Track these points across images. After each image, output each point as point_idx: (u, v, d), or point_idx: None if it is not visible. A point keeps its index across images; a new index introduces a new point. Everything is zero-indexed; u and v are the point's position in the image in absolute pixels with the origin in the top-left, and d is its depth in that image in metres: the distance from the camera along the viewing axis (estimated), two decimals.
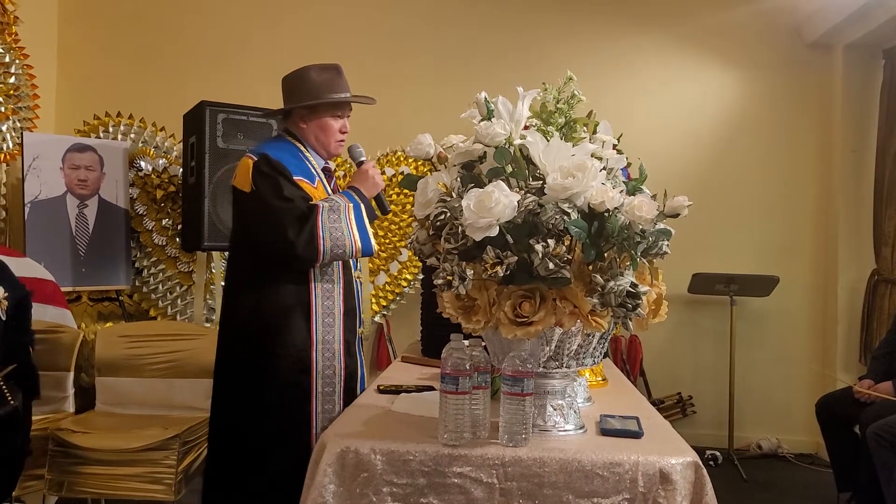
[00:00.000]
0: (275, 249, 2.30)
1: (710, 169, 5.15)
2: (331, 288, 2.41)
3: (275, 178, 2.31)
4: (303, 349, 2.35)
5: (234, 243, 2.56)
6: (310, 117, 2.48)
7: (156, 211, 4.61)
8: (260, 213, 2.32)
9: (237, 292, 2.46)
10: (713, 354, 5.12)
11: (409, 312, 4.63)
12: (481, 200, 1.51)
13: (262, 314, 2.36)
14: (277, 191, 2.30)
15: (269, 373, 2.34)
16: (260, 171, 2.32)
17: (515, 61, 5.14)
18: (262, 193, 2.31)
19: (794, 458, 4.88)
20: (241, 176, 2.38)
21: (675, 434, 1.76)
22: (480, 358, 1.69)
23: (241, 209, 2.45)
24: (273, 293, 2.35)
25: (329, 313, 2.40)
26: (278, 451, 2.32)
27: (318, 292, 2.37)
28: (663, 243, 1.63)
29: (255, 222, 2.36)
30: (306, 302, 2.36)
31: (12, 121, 4.35)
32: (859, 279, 4.88)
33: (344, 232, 2.29)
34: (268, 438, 2.33)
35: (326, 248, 2.26)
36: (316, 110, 2.47)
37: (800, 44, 5.14)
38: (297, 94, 2.47)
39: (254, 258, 2.40)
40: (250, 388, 2.37)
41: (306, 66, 2.50)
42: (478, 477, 1.57)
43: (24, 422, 2.91)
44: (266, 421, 2.34)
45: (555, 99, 1.74)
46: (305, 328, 2.35)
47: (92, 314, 4.56)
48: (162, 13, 5.32)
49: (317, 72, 2.48)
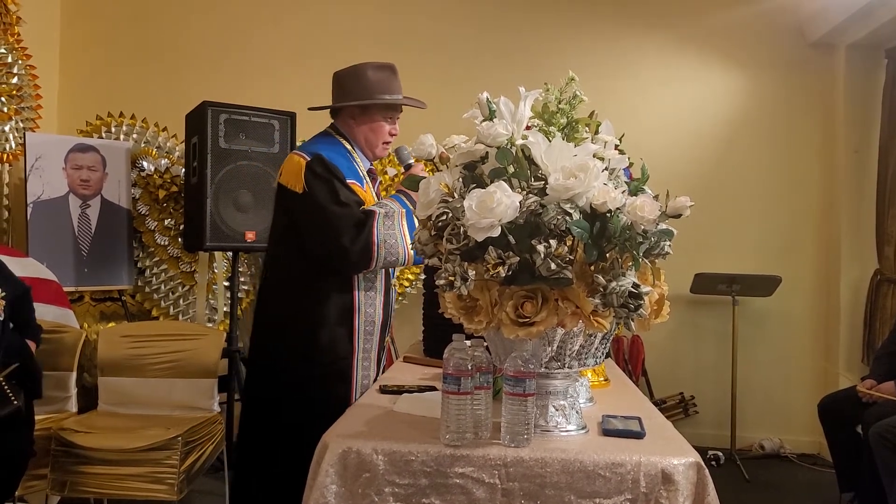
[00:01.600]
0: (327, 254, 2.24)
1: (711, 169, 5.15)
2: (373, 296, 2.36)
3: (330, 180, 2.25)
4: (344, 358, 2.31)
5: (275, 241, 2.46)
6: (361, 117, 2.42)
7: (158, 211, 4.61)
8: (313, 216, 2.25)
9: (278, 291, 2.38)
10: (715, 354, 5.12)
11: (411, 312, 4.64)
12: (483, 201, 1.50)
13: (303, 317, 2.29)
14: (333, 195, 2.23)
15: (310, 380, 2.28)
16: (314, 172, 2.26)
17: (517, 61, 5.14)
18: (317, 196, 2.24)
19: (796, 459, 4.88)
20: (290, 175, 2.30)
21: (678, 434, 1.76)
22: (482, 358, 1.68)
23: (288, 208, 2.35)
24: (316, 297, 2.29)
25: (370, 321, 2.36)
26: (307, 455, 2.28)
27: (361, 300, 2.32)
28: (665, 244, 1.63)
29: (308, 224, 2.28)
30: (350, 309, 2.31)
31: (15, 121, 4.36)
32: (862, 279, 4.87)
33: (398, 239, 2.24)
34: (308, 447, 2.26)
35: (381, 255, 2.21)
36: (368, 110, 2.41)
37: (802, 43, 5.13)
38: (351, 92, 2.39)
39: (298, 258, 2.32)
40: (289, 393, 2.29)
41: (362, 64, 2.44)
42: (480, 477, 1.57)
43: (27, 421, 2.92)
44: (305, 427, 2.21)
45: (557, 99, 1.74)
46: (348, 337, 2.31)
47: (94, 314, 4.57)
48: (164, 13, 5.33)
49: (373, 70, 2.41)
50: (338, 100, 2.45)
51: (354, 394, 2.32)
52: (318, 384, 2.27)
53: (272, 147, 4.17)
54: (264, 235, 4.04)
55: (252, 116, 4.12)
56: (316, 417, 2.12)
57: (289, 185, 2.30)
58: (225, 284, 4.69)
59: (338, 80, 2.45)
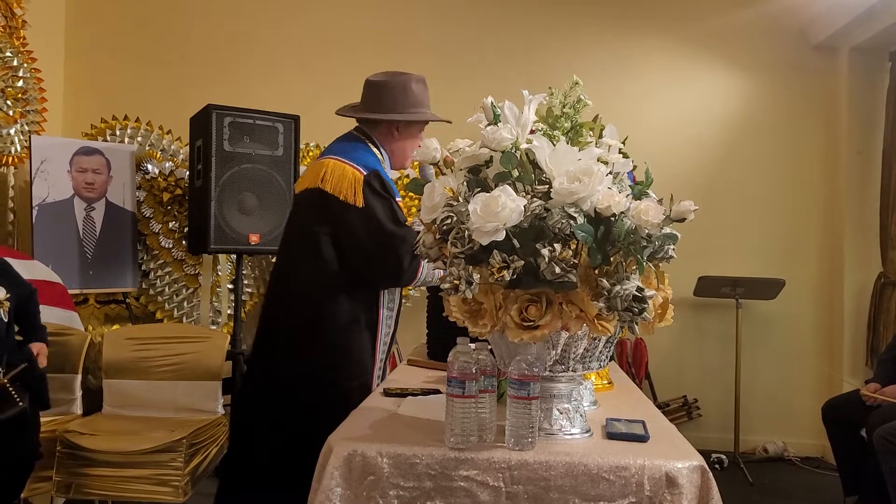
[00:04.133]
0: (382, 272, 2.26)
1: (715, 172, 5.15)
2: (392, 308, 2.41)
3: (388, 199, 2.27)
4: (368, 370, 2.34)
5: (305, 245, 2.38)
6: (406, 130, 2.44)
7: (162, 214, 4.63)
8: (372, 232, 2.25)
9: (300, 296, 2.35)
10: (719, 358, 5.11)
11: (415, 315, 4.64)
12: (488, 205, 1.51)
13: (329, 326, 2.29)
14: (391, 213, 2.27)
15: (334, 390, 2.27)
16: (373, 189, 2.26)
17: (519, 64, 5.15)
18: (377, 213, 2.25)
19: (800, 462, 4.87)
20: (344, 186, 2.27)
21: (681, 438, 1.76)
22: (486, 361, 1.69)
23: (338, 218, 2.29)
24: (347, 308, 2.29)
25: (388, 333, 2.41)
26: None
27: (384, 314, 2.36)
28: (670, 248, 1.63)
29: (364, 239, 2.26)
30: (374, 322, 2.34)
31: (20, 124, 4.38)
32: (865, 282, 4.87)
33: (437, 271, 2.27)
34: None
35: (422, 276, 2.28)
36: (412, 124, 2.43)
37: (805, 46, 5.13)
38: (399, 104, 2.39)
39: (331, 268, 2.30)
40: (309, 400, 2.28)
41: (405, 76, 2.44)
42: (484, 480, 1.57)
43: (34, 423, 2.93)
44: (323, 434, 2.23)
45: (561, 103, 1.74)
46: (371, 349, 2.34)
47: (99, 316, 4.58)
48: (168, 17, 5.35)
49: (415, 83, 2.43)
50: (382, 110, 2.41)
51: None
52: (343, 396, 2.23)
53: (276, 150, 4.18)
54: (268, 238, 4.06)
55: (256, 119, 4.13)
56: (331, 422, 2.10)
57: (341, 196, 2.26)
58: (229, 287, 4.70)
59: (381, 89, 2.42)
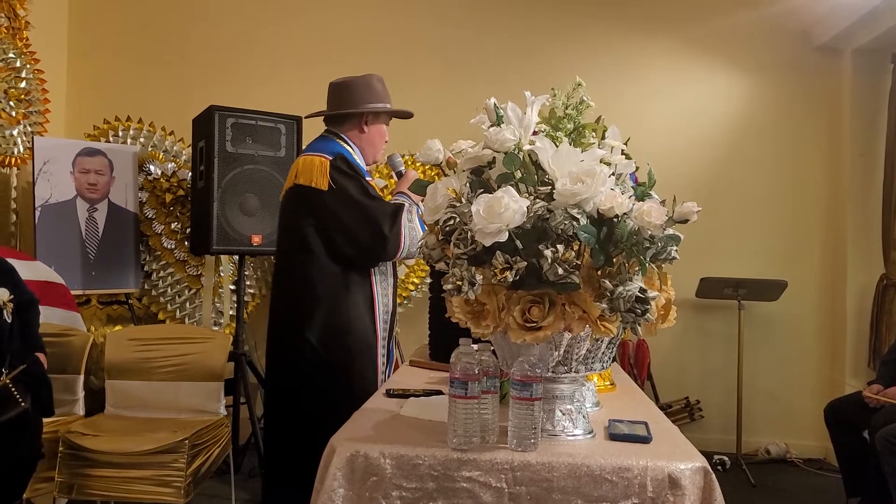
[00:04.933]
0: (366, 244, 2.35)
1: (717, 173, 5.15)
2: (387, 286, 2.51)
3: (357, 177, 2.38)
4: (372, 345, 2.45)
5: (293, 242, 2.52)
6: (373, 123, 2.55)
7: (165, 214, 4.63)
8: (348, 210, 2.36)
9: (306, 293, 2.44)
10: (721, 359, 5.11)
11: (417, 316, 4.65)
12: (491, 206, 1.51)
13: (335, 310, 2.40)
14: (364, 190, 2.37)
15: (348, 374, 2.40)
16: (339, 170, 2.37)
17: (522, 65, 5.15)
18: (349, 191, 2.35)
19: (802, 463, 4.86)
20: (312, 174, 2.38)
21: (684, 439, 1.76)
22: (489, 362, 1.69)
23: (313, 205, 2.42)
24: (345, 289, 2.41)
25: (386, 311, 2.51)
26: None
27: (379, 290, 2.47)
28: (672, 249, 1.63)
29: (342, 218, 2.38)
30: (370, 299, 2.45)
31: (23, 125, 4.39)
32: (868, 283, 4.86)
33: (417, 233, 2.38)
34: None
35: (406, 244, 2.36)
36: (379, 116, 2.56)
37: (808, 47, 5.13)
38: (363, 99, 2.52)
39: (322, 255, 2.42)
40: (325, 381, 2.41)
41: (364, 75, 2.57)
42: (487, 481, 1.57)
43: (35, 423, 2.93)
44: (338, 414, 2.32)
45: (563, 105, 1.74)
46: (371, 324, 2.45)
47: (101, 317, 4.59)
48: (171, 18, 5.36)
49: (376, 81, 2.57)
50: (349, 106, 2.54)
51: (379, 380, 2.44)
52: (351, 377, 2.38)
53: (278, 151, 4.18)
54: (271, 239, 4.07)
55: (259, 120, 4.14)
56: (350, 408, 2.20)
57: (312, 184, 2.37)
58: (231, 288, 4.70)
59: (342, 89, 2.56)
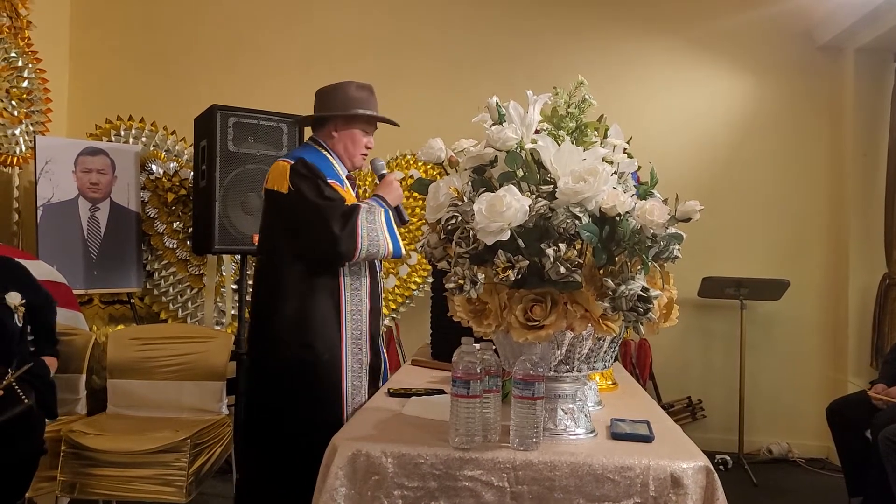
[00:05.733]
0: (318, 244, 2.42)
1: (720, 172, 5.14)
2: (358, 286, 2.54)
3: (313, 179, 2.45)
4: (335, 345, 2.48)
5: (266, 244, 2.63)
6: (343, 127, 2.61)
7: (167, 214, 4.63)
8: (302, 211, 2.44)
9: (271, 290, 2.53)
10: (723, 358, 5.11)
11: (419, 315, 4.64)
12: (493, 204, 1.51)
13: (300, 313, 2.47)
14: (318, 191, 2.43)
15: (307, 367, 2.45)
16: (298, 173, 2.45)
17: (525, 65, 5.15)
18: (304, 193, 2.43)
19: (804, 463, 4.86)
20: (276, 179, 2.49)
21: (686, 438, 1.76)
22: (491, 361, 1.69)
23: (278, 209, 2.53)
24: (307, 291, 2.47)
25: (357, 310, 2.53)
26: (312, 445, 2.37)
27: (347, 291, 2.50)
28: (674, 248, 1.63)
29: (299, 220, 2.47)
30: (337, 299, 2.49)
31: (25, 125, 4.39)
32: (870, 283, 4.85)
33: (379, 233, 2.43)
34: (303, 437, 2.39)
35: (364, 245, 2.39)
36: (350, 122, 2.60)
37: (810, 47, 5.12)
38: (335, 105, 2.61)
39: (289, 257, 2.51)
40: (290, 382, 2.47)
41: (344, 82, 2.64)
42: (488, 481, 1.57)
43: (38, 421, 2.94)
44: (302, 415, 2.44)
45: (566, 103, 1.74)
46: (336, 325, 2.48)
47: (103, 317, 4.59)
48: (173, 18, 5.36)
49: (354, 88, 2.62)
50: (322, 112, 2.66)
51: (346, 379, 2.48)
52: (313, 371, 2.45)
53: (281, 151, 4.18)
54: None
55: (261, 120, 4.14)
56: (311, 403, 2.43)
57: (275, 187, 2.49)
58: (233, 287, 4.70)
59: (321, 95, 2.67)
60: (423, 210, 4.01)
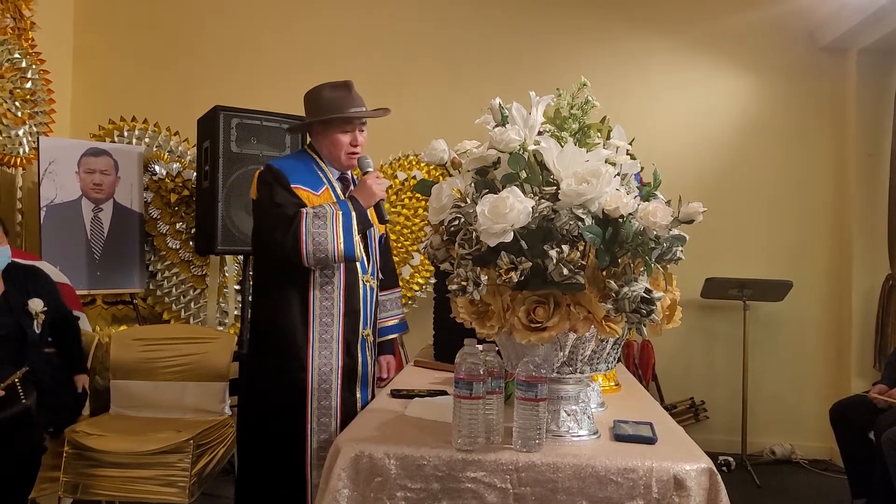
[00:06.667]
0: (271, 249, 2.49)
1: (723, 173, 5.14)
2: (331, 290, 2.54)
3: (271, 185, 2.50)
4: (301, 347, 2.50)
5: (252, 247, 2.78)
6: (323, 133, 2.62)
7: (170, 215, 4.64)
8: (259, 218, 2.56)
9: (255, 295, 2.67)
10: (726, 359, 5.10)
11: (421, 316, 4.64)
12: (496, 206, 1.51)
13: (271, 314, 2.55)
14: (271, 197, 2.49)
15: (274, 369, 2.53)
16: (262, 179, 2.53)
17: (527, 66, 5.15)
18: (261, 199, 2.52)
19: (807, 464, 4.85)
20: (253, 185, 2.60)
21: (689, 440, 1.76)
22: (494, 363, 1.69)
23: (253, 214, 2.66)
24: (278, 294, 2.53)
25: (328, 314, 2.53)
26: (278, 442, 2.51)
27: (316, 294, 2.52)
28: (678, 249, 1.63)
29: (257, 226, 2.59)
30: (305, 303, 2.51)
31: (28, 125, 4.40)
32: (874, 284, 4.85)
33: (328, 237, 2.41)
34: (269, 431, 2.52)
35: (309, 251, 2.39)
36: (327, 126, 2.60)
37: (814, 48, 5.11)
38: (312, 112, 2.64)
39: (265, 260, 2.63)
40: (261, 383, 2.57)
41: (320, 85, 2.64)
42: (491, 482, 1.57)
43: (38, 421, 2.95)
44: (270, 414, 2.53)
45: (568, 105, 1.74)
46: (304, 327, 2.50)
47: (106, 317, 4.59)
48: (176, 18, 5.36)
49: (328, 90, 2.62)
50: (305, 118, 2.72)
51: (311, 380, 2.50)
52: (280, 373, 2.51)
53: (283, 151, 4.18)
54: None
55: (263, 121, 4.14)
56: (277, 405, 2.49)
57: (252, 194, 2.61)
58: (236, 288, 4.71)
59: (305, 101, 2.69)
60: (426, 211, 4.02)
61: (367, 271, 2.63)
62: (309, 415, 2.47)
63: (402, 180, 4.84)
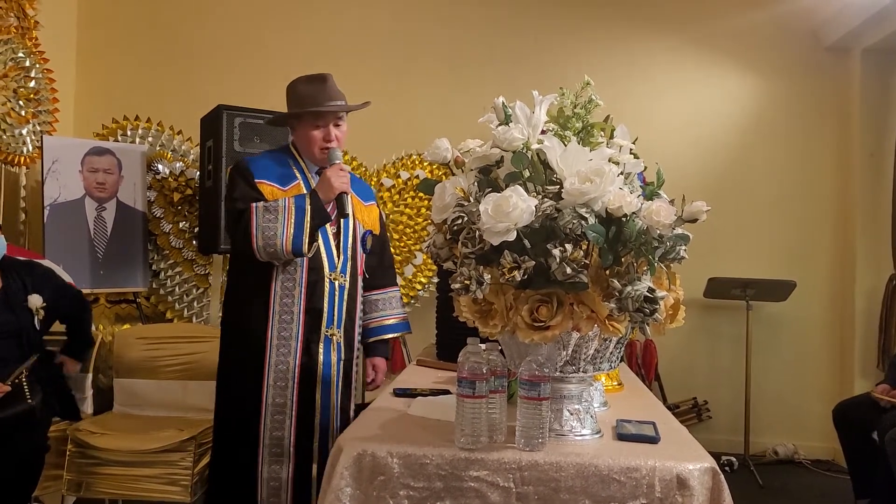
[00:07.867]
0: (231, 245, 2.55)
1: (726, 173, 5.13)
2: (292, 287, 2.51)
3: (234, 180, 2.52)
4: (260, 343, 2.49)
5: None
6: (297, 126, 2.60)
7: (173, 214, 4.65)
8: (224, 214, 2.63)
9: (226, 290, 2.72)
10: (729, 359, 5.09)
11: (424, 315, 4.63)
12: (499, 205, 1.51)
13: (235, 310, 2.59)
14: (230, 193, 2.52)
15: (235, 364, 2.56)
16: (230, 174, 2.56)
17: (530, 65, 5.15)
18: (226, 195, 2.58)
19: (810, 464, 4.84)
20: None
21: (692, 439, 1.75)
22: (497, 362, 1.69)
23: None
24: (242, 290, 2.57)
25: (287, 311, 2.51)
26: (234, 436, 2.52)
27: (277, 290, 2.50)
28: (681, 248, 1.63)
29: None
30: (266, 299, 2.49)
31: (32, 124, 4.40)
32: (877, 284, 4.84)
33: (277, 231, 2.38)
34: (225, 424, 2.56)
35: (259, 245, 2.37)
36: (300, 122, 2.57)
37: (817, 47, 5.11)
38: (288, 106, 2.62)
39: (232, 258, 2.69)
40: (223, 377, 2.60)
41: (296, 79, 2.61)
42: (494, 481, 1.57)
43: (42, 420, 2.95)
44: (228, 409, 2.56)
45: (572, 104, 1.74)
46: (263, 324, 2.49)
47: (110, 316, 4.60)
48: (180, 18, 5.37)
49: (303, 84, 2.58)
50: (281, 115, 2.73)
51: (267, 376, 2.49)
52: (241, 364, 2.53)
53: None
54: None
55: (267, 120, 4.14)
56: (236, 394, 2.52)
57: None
58: None
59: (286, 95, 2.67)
60: (428, 210, 4.01)
61: (336, 268, 2.57)
62: (263, 411, 2.47)
63: (405, 179, 4.84)
